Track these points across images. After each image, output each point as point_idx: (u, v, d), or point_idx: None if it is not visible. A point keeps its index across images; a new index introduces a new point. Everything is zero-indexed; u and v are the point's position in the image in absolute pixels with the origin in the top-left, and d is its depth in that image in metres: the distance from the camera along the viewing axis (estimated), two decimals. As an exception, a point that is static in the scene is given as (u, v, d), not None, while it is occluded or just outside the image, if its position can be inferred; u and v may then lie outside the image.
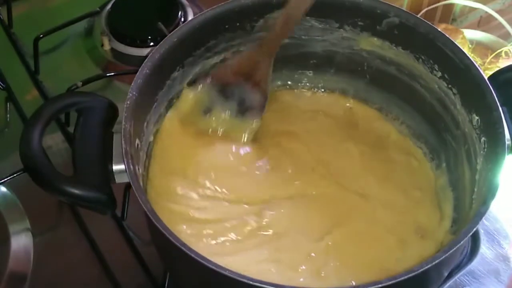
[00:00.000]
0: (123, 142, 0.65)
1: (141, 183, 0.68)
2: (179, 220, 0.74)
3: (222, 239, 0.73)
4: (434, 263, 0.57)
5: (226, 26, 0.80)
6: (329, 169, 0.82)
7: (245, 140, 0.82)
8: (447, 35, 0.75)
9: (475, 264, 0.81)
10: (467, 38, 1.37)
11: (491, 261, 0.82)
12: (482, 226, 0.84)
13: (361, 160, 0.83)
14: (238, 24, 0.81)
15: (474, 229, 0.59)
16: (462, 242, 0.59)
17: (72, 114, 0.89)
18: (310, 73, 0.90)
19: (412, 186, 0.80)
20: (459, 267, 0.80)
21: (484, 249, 0.82)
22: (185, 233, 0.73)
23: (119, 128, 0.66)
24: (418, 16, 0.78)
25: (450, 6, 1.49)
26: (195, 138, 0.80)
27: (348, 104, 0.89)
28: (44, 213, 0.87)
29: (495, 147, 0.67)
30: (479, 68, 0.71)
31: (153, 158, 0.78)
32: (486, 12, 1.45)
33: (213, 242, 0.73)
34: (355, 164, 0.83)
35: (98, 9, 1.07)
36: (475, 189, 0.72)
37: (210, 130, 0.81)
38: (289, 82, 0.91)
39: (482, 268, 0.81)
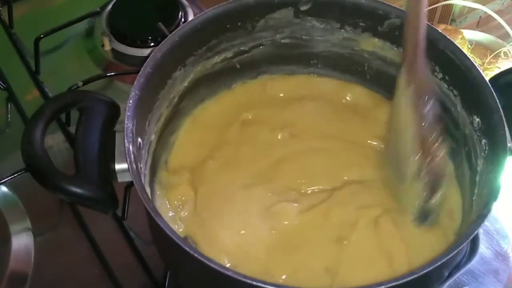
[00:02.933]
0: (125, 141, 0.65)
1: (143, 182, 0.68)
2: None
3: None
4: (436, 265, 0.57)
5: (228, 26, 0.81)
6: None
7: None
8: (447, 36, 0.75)
9: (474, 264, 0.81)
10: (466, 38, 1.37)
11: (490, 261, 0.82)
12: (482, 226, 0.84)
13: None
14: (239, 24, 0.81)
15: (476, 231, 0.59)
16: (464, 244, 0.59)
17: (73, 114, 0.89)
18: (310, 72, 0.90)
19: None
20: (458, 267, 0.80)
21: (484, 248, 0.82)
22: None
23: (121, 127, 0.67)
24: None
25: (449, 6, 1.50)
26: None
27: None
28: (45, 213, 0.87)
29: (496, 149, 0.67)
30: (480, 70, 0.71)
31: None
32: (485, 12, 1.46)
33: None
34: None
35: (98, 9, 1.07)
36: (475, 191, 0.72)
37: None
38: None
39: (481, 268, 0.81)
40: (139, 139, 0.70)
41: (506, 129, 0.67)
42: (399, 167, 0.73)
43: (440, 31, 0.76)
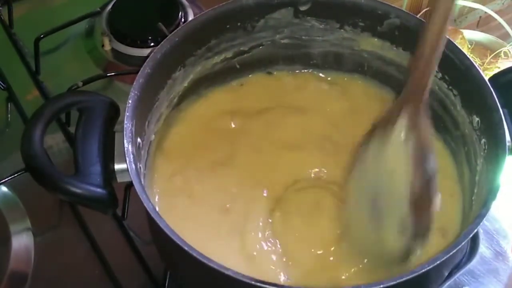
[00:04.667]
0: (125, 141, 0.65)
1: (142, 182, 0.68)
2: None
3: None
4: (435, 264, 0.57)
5: (227, 26, 0.81)
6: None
7: None
8: (447, 36, 0.75)
9: (474, 264, 0.81)
10: (466, 38, 1.37)
11: (490, 261, 0.82)
12: (482, 226, 0.84)
13: None
14: (239, 24, 0.81)
15: (475, 231, 0.59)
16: (463, 243, 0.59)
17: (73, 114, 0.89)
18: (310, 72, 0.90)
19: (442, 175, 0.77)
20: (458, 267, 0.80)
21: (484, 248, 0.83)
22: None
23: (121, 127, 0.67)
24: (418, 16, 0.78)
25: (450, 6, 1.49)
26: None
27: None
28: (45, 212, 0.87)
29: (495, 149, 0.67)
30: (479, 69, 0.71)
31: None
32: (485, 12, 1.46)
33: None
34: None
35: (98, 9, 1.07)
36: (475, 190, 0.72)
37: None
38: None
39: (481, 268, 0.81)
40: (139, 139, 0.70)
41: (506, 128, 0.67)
42: (377, 218, 0.67)
43: (439, 31, 0.76)
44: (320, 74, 0.90)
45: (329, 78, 0.89)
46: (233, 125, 0.84)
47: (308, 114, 0.86)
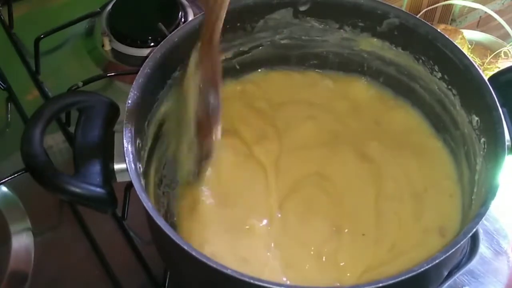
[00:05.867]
0: (124, 141, 0.65)
1: (142, 182, 0.68)
2: None
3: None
4: (434, 263, 0.57)
5: (227, 26, 0.80)
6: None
7: None
8: (447, 36, 0.75)
9: (474, 264, 0.81)
10: (466, 38, 1.37)
11: (490, 261, 0.82)
12: (482, 226, 0.84)
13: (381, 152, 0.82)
14: (238, 24, 0.81)
15: (474, 230, 0.59)
16: (462, 243, 0.59)
17: (73, 114, 0.89)
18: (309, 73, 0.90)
19: (442, 176, 0.80)
20: (458, 267, 0.80)
21: (484, 248, 0.83)
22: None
23: (121, 127, 0.67)
24: (418, 16, 0.78)
25: (449, 6, 1.50)
26: None
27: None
28: (45, 212, 0.87)
29: (495, 148, 0.67)
30: (479, 69, 0.71)
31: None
32: (485, 12, 1.46)
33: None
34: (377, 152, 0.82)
35: (98, 9, 1.07)
36: (475, 190, 0.72)
37: None
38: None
39: (481, 268, 0.81)
40: (138, 139, 0.70)
41: (505, 127, 0.67)
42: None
43: (439, 30, 0.76)
44: (320, 74, 0.90)
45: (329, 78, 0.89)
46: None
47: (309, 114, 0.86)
